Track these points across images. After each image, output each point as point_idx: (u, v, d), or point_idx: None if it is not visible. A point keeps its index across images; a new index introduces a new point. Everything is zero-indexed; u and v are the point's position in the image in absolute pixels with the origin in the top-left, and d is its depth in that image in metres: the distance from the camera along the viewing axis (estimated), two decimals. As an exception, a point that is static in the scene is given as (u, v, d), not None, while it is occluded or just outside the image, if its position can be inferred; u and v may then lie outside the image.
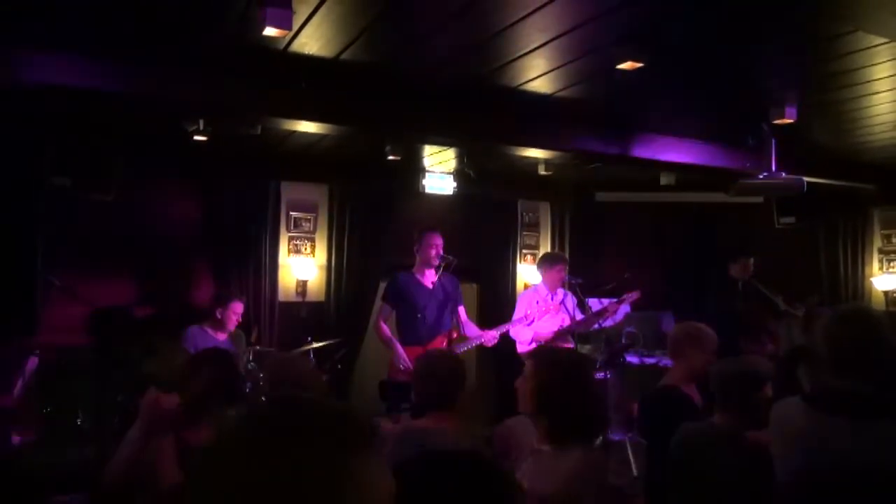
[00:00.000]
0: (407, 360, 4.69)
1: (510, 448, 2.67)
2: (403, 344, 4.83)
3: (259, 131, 4.56)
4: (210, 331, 4.97)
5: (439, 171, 6.41)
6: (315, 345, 5.13)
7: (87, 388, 4.48)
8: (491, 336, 5.04)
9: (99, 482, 2.19)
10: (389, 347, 4.86)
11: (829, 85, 3.95)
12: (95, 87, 3.60)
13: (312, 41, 3.36)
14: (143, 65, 3.66)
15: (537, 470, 2.24)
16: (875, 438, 1.95)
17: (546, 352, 3.07)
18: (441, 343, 4.89)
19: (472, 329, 5.09)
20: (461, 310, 5.05)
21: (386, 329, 4.93)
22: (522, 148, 5.00)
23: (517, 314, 5.44)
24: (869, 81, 3.84)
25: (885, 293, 6.63)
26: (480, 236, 7.13)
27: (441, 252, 4.94)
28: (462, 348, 4.92)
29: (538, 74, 3.82)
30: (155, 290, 5.64)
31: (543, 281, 5.55)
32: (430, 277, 5.01)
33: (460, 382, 2.81)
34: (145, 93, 3.74)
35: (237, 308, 5.00)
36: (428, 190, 6.39)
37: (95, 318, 4.14)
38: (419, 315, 4.87)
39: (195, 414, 2.29)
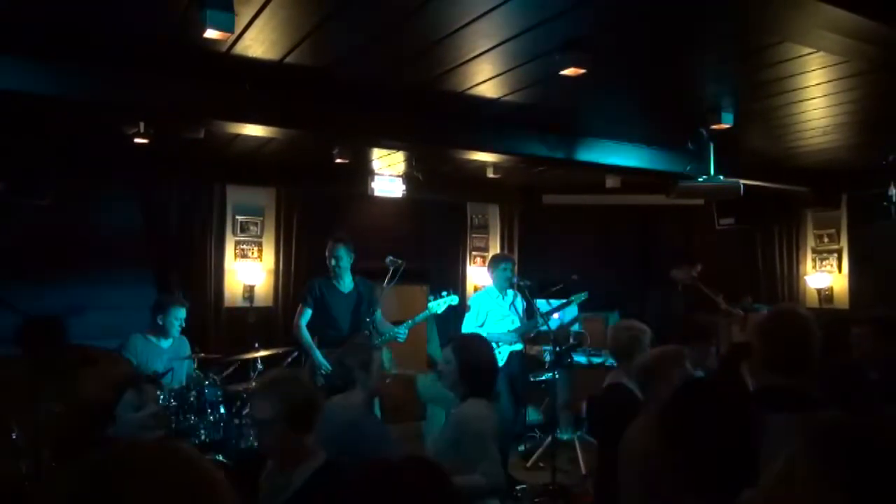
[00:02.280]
0: (326, 365, 4.80)
1: None
2: (320, 347, 4.96)
3: (202, 134, 4.47)
4: (153, 338, 4.83)
5: (388, 174, 6.40)
6: (263, 352, 5.04)
7: (20, 400, 4.30)
8: (401, 332, 5.11)
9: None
10: (308, 353, 4.99)
11: (762, 93, 4.09)
12: (28, 90, 3.45)
13: (256, 44, 3.32)
14: (80, 66, 3.52)
15: None
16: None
17: (462, 341, 3.29)
18: None
19: (387, 328, 5.18)
20: (378, 313, 5.17)
21: (307, 333, 5.02)
22: (470, 151, 5.04)
23: (469, 315, 5.49)
24: (800, 89, 3.99)
25: (819, 291, 6.92)
26: (430, 239, 7.16)
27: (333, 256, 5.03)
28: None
29: (484, 79, 3.85)
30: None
31: (493, 282, 5.60)
32: (346, 284, 5.13)
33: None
34: (82, 95, 3.60)
35: (178, 314, 4.87)
36: (377, 193, 6.38)
37: (28, 327, 3.96)
38: (335, 319, 5.03)
39: None
